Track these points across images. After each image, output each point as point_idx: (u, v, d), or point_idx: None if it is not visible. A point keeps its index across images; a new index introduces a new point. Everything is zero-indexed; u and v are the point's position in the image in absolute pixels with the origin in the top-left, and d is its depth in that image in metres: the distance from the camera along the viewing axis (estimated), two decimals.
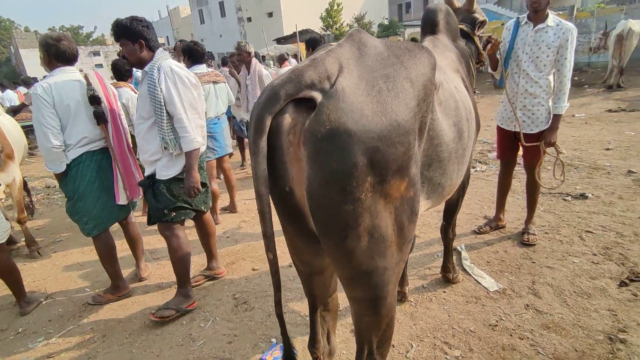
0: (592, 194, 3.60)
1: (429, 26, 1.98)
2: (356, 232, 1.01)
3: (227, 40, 32.44)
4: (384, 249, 1.08)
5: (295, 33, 10.83)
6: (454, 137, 1.42)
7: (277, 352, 2.09)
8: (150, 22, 2.29)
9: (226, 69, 5.40)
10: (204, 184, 2.51)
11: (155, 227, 2.50)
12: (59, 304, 2.81)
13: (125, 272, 2.95)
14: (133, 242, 2.94)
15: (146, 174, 2.39)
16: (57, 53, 2.34)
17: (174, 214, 2.38)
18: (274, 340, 2.21)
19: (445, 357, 1.96)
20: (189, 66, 3.53)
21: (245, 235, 3.67)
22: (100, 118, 2.43)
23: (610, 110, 6.98)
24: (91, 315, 2.62)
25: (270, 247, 1.05)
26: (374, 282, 1.12)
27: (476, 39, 2.27)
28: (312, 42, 3.45)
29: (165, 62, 2.22)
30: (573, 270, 2.53)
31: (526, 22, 2.61)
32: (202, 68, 3.52)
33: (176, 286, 2.54)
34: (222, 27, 34.55)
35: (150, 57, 2.25)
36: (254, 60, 4.61)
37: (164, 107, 2.16)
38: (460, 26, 2.18)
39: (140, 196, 2.82)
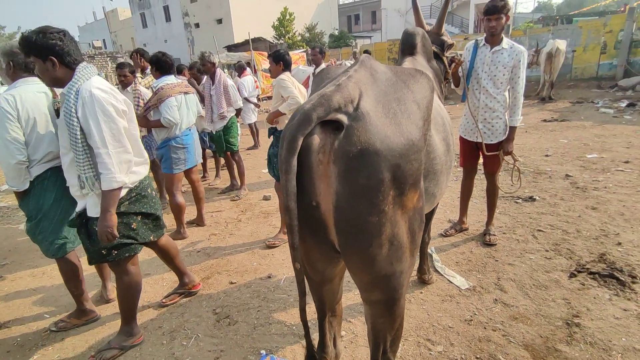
0: (539, 197, 4.01)
1: (408, 48, 2.14)
2: (379, 240, 1.11)
3: (173, 46, 31.29)
4: (401, 255, 1.18)
5: (247, 41, 10.76)
6: (444, 150, 1.58)
7: None
8: (71, 35, 1.92)
9: (183, 77, 5.23)
10: (149, 214, 2.24)
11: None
12: (16, 333, 2.56)
13: (89, 293, 2.77)
14: None
15: (77, 209, 2.10)
16: (25, 62, 2.19)
17: (115, 252, 2.10)
18: (263, 352, 2.21)
19: (430, 353, 2.10)
20: (157, 77, 3.43)
21: (217, 248, 3.60)
22: None
23: (545, 120, 7.82)
24: (56, 344, 2.42)
25: (297, 257, 1.11)
26: (392, 285, 1.21)
27: (445, 59, 2.49)
28: (280, 57, 3.39)
29: (86, 83, 1.85)
30: (530, 266, 2.82)
31: (484, 44, 2.90)
32: (171, 79, 3.42)
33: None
34: (166, 32, 33.27)
35: (68, 75, 1.88)
36: (219, 71, 4.58)
37: (79, 140, 1.84)
38: None
39: None
